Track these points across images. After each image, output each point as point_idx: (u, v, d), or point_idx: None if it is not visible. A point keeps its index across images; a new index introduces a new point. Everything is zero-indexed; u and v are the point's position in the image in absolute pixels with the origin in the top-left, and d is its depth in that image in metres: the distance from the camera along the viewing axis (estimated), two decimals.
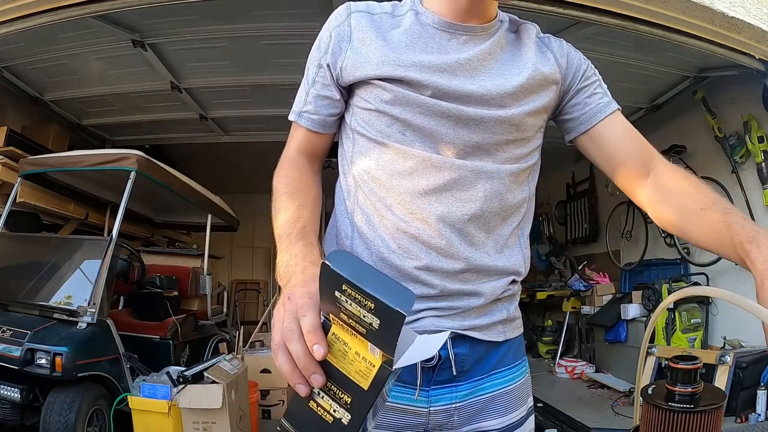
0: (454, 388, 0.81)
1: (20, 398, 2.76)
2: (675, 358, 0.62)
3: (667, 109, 4.72)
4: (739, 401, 3.29)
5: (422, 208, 0.79)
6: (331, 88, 0.86)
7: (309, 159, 0.91)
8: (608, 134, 0.86)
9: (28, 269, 3.36)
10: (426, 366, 0.79)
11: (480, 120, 0.80)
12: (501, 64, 0.84)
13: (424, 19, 0.84)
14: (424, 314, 0.79)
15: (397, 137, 0.80)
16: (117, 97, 4.66)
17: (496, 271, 0.83)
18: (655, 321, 1.03)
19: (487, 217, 0.82)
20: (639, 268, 5.25)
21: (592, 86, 0.88)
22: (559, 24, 3.38)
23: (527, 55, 0.86)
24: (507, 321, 0.86)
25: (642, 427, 0.64)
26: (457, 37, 0.83)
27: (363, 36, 0.82)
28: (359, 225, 0.83)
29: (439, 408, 0.81)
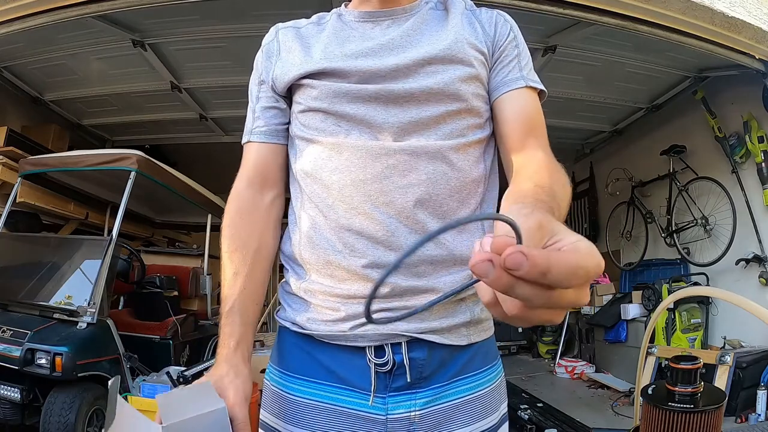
0: (413, 395, 0.75)
1: (20, 398, 2.76)
2: (675, 358, 0.62)
3: (667, 109, 4.73)
4: (739, 401, 3.29)
5: (363, 201, 0.74)
6: (276, 99, 0.88)
7: (260, 187, 0.87)
8: (502, 110, 0.82)
9: (28, 269, 3.36)
10: (380, 371, 0.74)
11: (410, 95, 0.76)
12: (428, 35, 0.82)
13: (346, 17, 0.87)
14: (376, 316, 0.68)
15: (332, 130, 0.79)
16: (117, 97, 4.66)
17: (454, 261, 0.76)
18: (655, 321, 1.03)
19: (437, 200, 0.75)
20: (639, 268, 5.25)
21: (509, 57, 0.85)
22: (559, 24, 3.39)
23: (452, 23, 0.83)
24: (471, 324, 0.79)
25: (642, 427, 0.64)
26: (379, 24, 0.84)
27: (289, 46, 0.87)
28: (305, 229, 0.81)
29: (398, 416, 0.75)
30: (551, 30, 3.52)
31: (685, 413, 0.58)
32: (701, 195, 4.42)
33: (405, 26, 0.83)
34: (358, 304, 0.74)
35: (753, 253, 3.89)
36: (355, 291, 0.75)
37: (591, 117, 5.18)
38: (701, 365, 0.62)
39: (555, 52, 3.71)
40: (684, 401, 0.59)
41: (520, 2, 2.80)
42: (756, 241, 3.90)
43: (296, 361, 0.81)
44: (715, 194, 4.26)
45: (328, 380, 0.77)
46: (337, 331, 0.76)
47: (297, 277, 0.83)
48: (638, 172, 5.21)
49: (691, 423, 0.58)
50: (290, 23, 0.91)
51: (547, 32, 3.56)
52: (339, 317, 0.76)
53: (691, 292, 2.05)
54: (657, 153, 4.76)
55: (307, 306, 0.80)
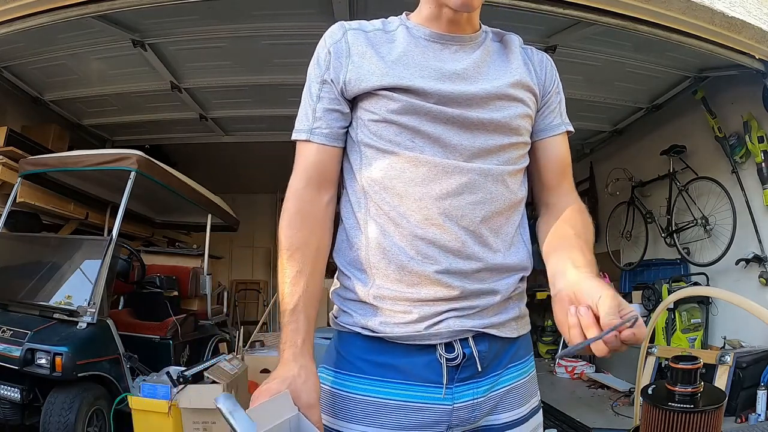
0: (476, 384, 0.85)
1: (20, 398, 2.76)
2: (675, 358, 0.62)
3: (667, 109, 4.72)
4: (739, 401, 3.29)
5: (437, 214, 0.82)
6: (339, 102, 0.87)
7: (318, 188, 0.88)
8: (545, 151, 0.95)
9: (28, 269, 3.36)
10: (450, 365, 0.82)
11: (481, 124, 0.84)
12: (494, 70, 0.89)
13: (416, 32, 0.88)
14: (446, 315, 0.82)
15: (408, 144, 0.83)
16: (117, 97, 4.66)
17: (508, 269, 0.88)
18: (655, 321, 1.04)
19: (495, 217, 0.86)
20: (639, 268, 5.25)
21: (554, 103, 0.96)
22: (559, 24, 3.39)
23: (515, 62, 0.91)
24: (519, 318, 0.92)
25: (642, 427, 0.64)
26: (449, 47, 0.88)
27: (362, 51, 0.86)
28: (374, 236, 0.85)
29: (463, 404, 0.83)
30: (551, 30, 3.52)
31: (685, 413, 0.58)
32: (701, 195, 4.42)
33: (474, 57, 0.88)
34: (429, 306, 0.82)
35: (753, 253, 3.89)
36: (425, 294, 0.82)
37: (591, 117, 5.18)
38: (701, 365, 0.62)
39: (555, 52, 3.71)
40: (684, 401, 0.59)
41: (520, 2, 2.80)
42: (756, 241, 3.90)
43: (362, 363, 0.85)
44: (715, 194, 4.26)
45: (397, 378, 0.83)
46: (412, 332, 0.82)
47: (362, 283, 0.86)
48: (638, 172, 5.21)
49: (691, 423, 0.58)
50: (355, 24, 0.90)
51: (547, 32, 3.56)
52: (412, 319, 0.82)
53: (691, 292, 2.05)
54: (657, 153, 4.76)
55: (377, 310, 0.84)
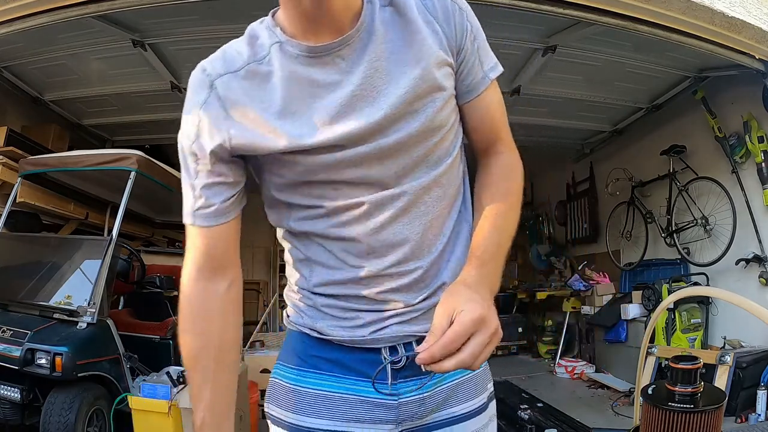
0: (421, 380, 0.84)
1: (20, 398, 2.76)
2: (675, 358, 0.62)
3: (667, 109, 4.73)
4: (739, 401, 3.29)
5: (380, 245, 0.79)
6: (217, 171, 0.76)
7: (212, 276, 0.79)
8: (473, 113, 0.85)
9: (28, 269, 3.36)
10: (394, 367, 0.83)
11: (401, 145, 0.76)
12: (394, 65, 0.75)
13: (291, 50, 0.74)
14: (390, 321, 0.81)
15: (331, 195, 0.77)
16: (117, 97, 4.66)
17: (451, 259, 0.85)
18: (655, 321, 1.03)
19: (437, 218, 0.82)
20: (639, 268, 5.25)
21: (472, 56, 0.81)
22: (559, 24, 3.39)
23: (417, 36, 0.75)
24: None
25: (642, 427, 0.64)
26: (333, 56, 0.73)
27: (240, 109, 0.74)
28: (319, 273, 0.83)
29: (409, 399, 0.84)
30: (551, 30, 3.52)
31: (685, 413, 0.58)
32: (701, 195, 4.42)
33: (366, 58, 0.73)
34: (374, 314, 0.81)
35: (753, 253, 3.89)
36: (370, 308, 0.82)
37: (591, 117, 5.18)
38: (701, 365, 0.62)
39: (555, 52, 3.71)
40: (684, 401, 0.59)
41: (520, 2, 2.80)
42: (756, 241, 3.90)
43: (313, 359, 0.85)
44: (715, 194, 4.26)
45: (345, 374, 0.84)
46: (357, 336, 0.82)
47: (310, 299, 0.85)
48: (638, 172, 5.21)
49: (691, 423, 0.58)
50: (219, 66, 0.77)
51: (547, 32, 3.56)
52: (357, 324, 0.82)
53: (691, 292, 2.05)
54: (657, 153, 4.76)
55: (324, 315, 0.84)
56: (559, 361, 5.53)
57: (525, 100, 4.54)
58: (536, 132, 5.51)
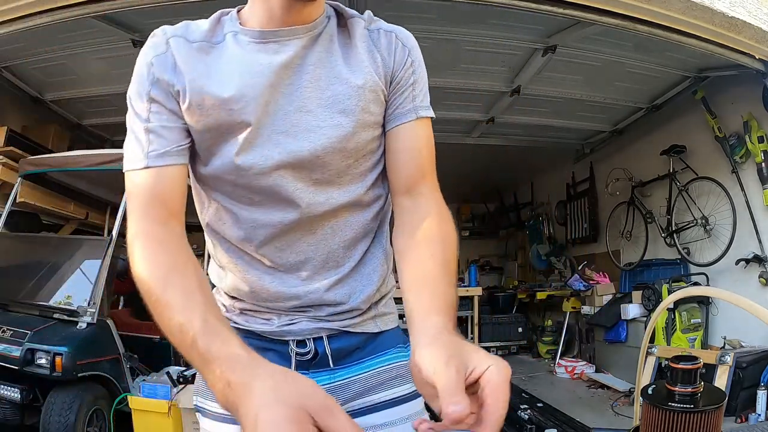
0: (333, 372, 0.85)
1: (20, 398, 2.76)
2: (675, 358, 0.62)
3: (667, 109, 4.72)
4: (739, 401, 3.29)
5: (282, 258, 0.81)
6: (174, 115, 0.75)
7: (163, 221, 0.72)
8: (394, 143, 0.83)
9: (28, 269, 3.37)
10: (302, 360, 0.84)
11: (314, 157, 0.76)
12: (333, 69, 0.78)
13: (243, 38, 0.76)
14: (299, 317, 0.83)
15: (246, 202, 0.79)
16: (117, 97, 4.65)
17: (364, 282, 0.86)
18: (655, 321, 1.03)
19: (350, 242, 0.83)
20: (639, 268, 5.25)
21: (404, 87, 0.82)
22: (559, 24, 3.39)
23: (359, 56, 0.79)
24: (378, 316, 0.89)
25: (642, 427, 0.64)
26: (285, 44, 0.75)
27: (188, 69, 0.75)
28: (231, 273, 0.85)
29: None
30: (551, 30, 3.52)
31: (685, 413, 0.58)
32: (701, 195, 4.42)
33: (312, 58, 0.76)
34: (286, 314, 0.84)
35: (753, 253, 3.89)
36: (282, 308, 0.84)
37: (591, 117, 5.18)
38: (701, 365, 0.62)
39: (555, 52, 3.71)
40: (684, 401, 0.59)
41: (520, 2, 2.80)
42: (756, 241, 3.90)
43: None
44: (715, 194, 4.26)
45: None
46: (267, 329, 0.84)
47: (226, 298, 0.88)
48: (638, 172, 5.21)
49: (691, 423, 0.58)
50: (180, 29, 0.78)
51: (547, 32, 3.56)
52: (272, 321, 0.84)
53: (691, 292, 2.05)
54: (657, 153, 4.76)
55: (240, 313, 0.87)
56: (559, 361, 5.53)
57: (525, 100, 4.55)
58: (536, 132, 5.51)
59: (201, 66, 0.75)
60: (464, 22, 3.40)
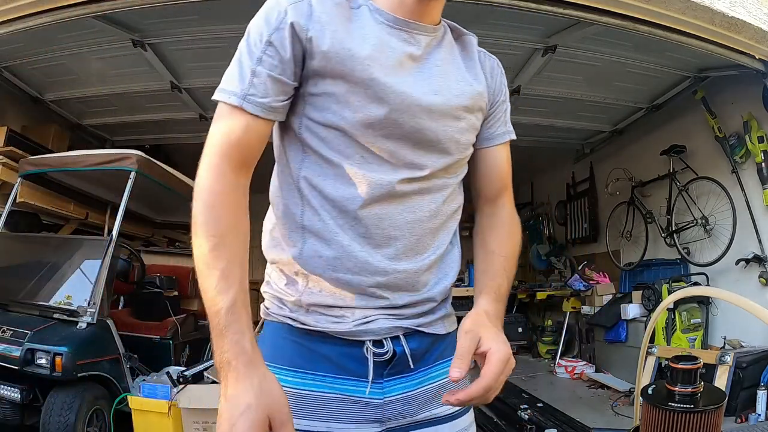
0: (406, 378, 0.84)
1: (20, 398, 2.76)
2: (675, 358, 0.62)
3: (667, 109, 4.73)
4: (739, 401, 3.29)
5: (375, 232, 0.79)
6: (285, 71, 0.73)
7: (237, 168, 0.74)
8: (485, 161, 0.93)
9: (28, 269, 3.37)
10: (379, 361, 0.81)
11: (436, 140, 0.80)
12: (454, 78, 0.83)
13: (377, 17, 0.78)
14: (377, 315, 0.81)
15: (356, 160, 0.77)
16: (117, 97, 4.66)
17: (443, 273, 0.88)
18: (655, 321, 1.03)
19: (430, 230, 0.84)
20: (639, 268, 5.25)
21: (500, 112, 0.93)
22: (559, 24, 3.39)
23: (475, 69, 0.87)
24: (446, 317, 0.91)
25: (642, 427, 0.64)
26: (414, 36, 0.79)
27: (328, 20, 0.73)
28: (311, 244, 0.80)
29: (394, 398, 0.82)
30: (551, 30, 3.52)
31: (685, 413, 0.58)
32: (701, 195, 4.42)
33: (438, 56, 0.82)
34: (361, 310, 0.81)
35: (753, 253, 3.89)
36: (358, 303, 0.80)
37: (591, 117, 5.18)
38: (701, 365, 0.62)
39: (555, 52, 3.71)
40: (684, 401, 0.59)
41: (520, 2, 2.80)
42: (756, 241, 3.90)
43: (294, 355, 0.82)
44: (715, 194, 4.26)
45: (327, 371, 0.81)
46: (343, 329, 0.80)
47: (294, 287, 0.82)
48: (638, 172, 5.21)
49: (691, 423, 0.58)
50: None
51: (547, 32, 3.56)
52: (345, 319, 0.81)
53: (691, 292, 2.05)
54: (657, 153, 4.76)
55: (308, 311, 0.82)
56: (559, 361, 5.53)
57: (525, 100, 4.54)
58: (536, 132, 5.51)
59: (340, 20, 0.75)
60: (464, 22, 3.38)
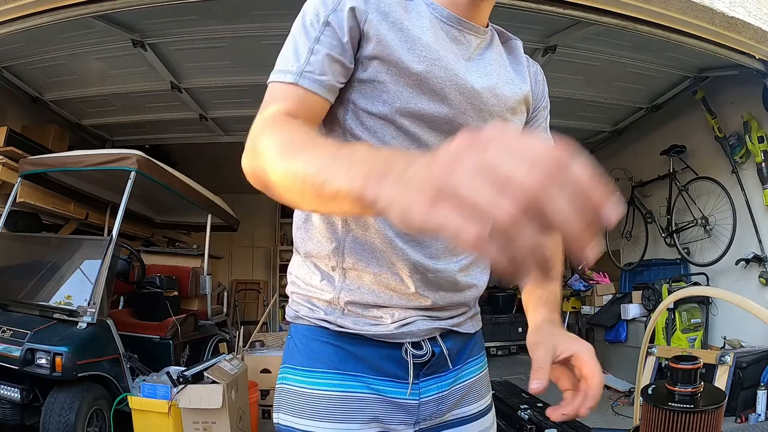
0: (440, 378, 0.84)
1: (20, 398, 2.76)
2: (675, 358, 0.62)
3: (667, 109, 4.73)
4: (739, 401, 3.29)
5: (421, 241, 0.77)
6: (344, 51, 0.71)
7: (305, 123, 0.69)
8: None
9: (28, 269, 3.36)
10: (418, 362, 0.81)
11: None
12: (505, 79, 0.83)
13: (434, 12, 0.77)
14: (415, 317, 0.80)
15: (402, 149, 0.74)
16: (117, 97, 4.66)
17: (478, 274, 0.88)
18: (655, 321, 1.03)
19: None
20: (639, 268, 5.25)
21: (541, 118, 0.92)
22: (559, 24, 3.39)
23: (523, 73, 0.87)
24: (474, 315, 0.92)
25: (642, 427, 0.64)
26: (466, 40, 0.79)
27: (386, 8, 0.72)
28: (354, 234, 0.78)
29: (429, 398, 0.83)
30: (551, 30, 3.52)
31: (685, 413, 0.58)
32: (701, 195, 4.42)
33: (488, 57, 0.81)
34: (401, 312, 0.79)
35: (753, 253, 3.89)
36: (398, 302, 0.79)
37: (591, 117, 5.18)
38: (701, 365, 0.62)
39: (555, 52, 3.71)
40: (684, 401, 0.59)
41: (520, 2, 2.80)
42: (756, 241, 3.90)
43: (331, 357, 0.80)
44: (715, 194, 4.26)
45: (365, 372, 0.80)
46: (383, 332, 0.79)
47: (332, 285, 0.79)
48: (638, 172, 5.21)
49: (691, 423, 0.58)
50: None
51: (547, 32, 3.56)
52: (382, 322, 0.79)
53: (691, 292, 2.05)
54: (657, 153, 4.76)
55: (344, 312, 0.80)
56: None
57: None
58: None
59: (398, 8, 0.74)
60: None
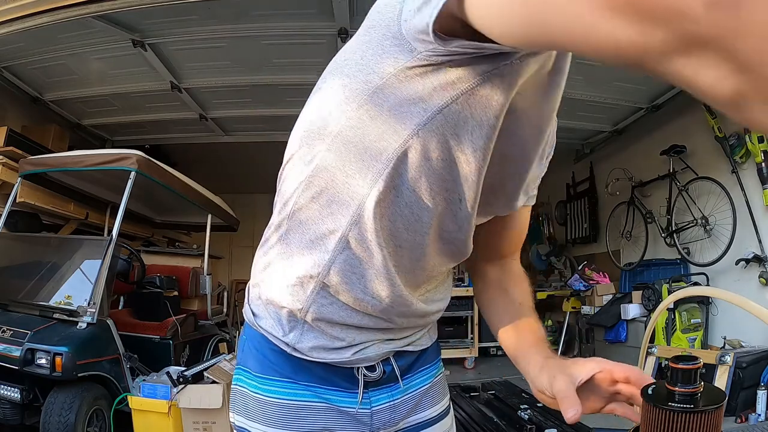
0: (392, 388, 0.85)
1: (20, 398, 2.76)
2: (675, 358, 0.62)
3: (667, 109, 4.73)
4: (739, 401, 3.29)
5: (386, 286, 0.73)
6: None
7: None
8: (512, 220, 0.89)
9: (28, 269, 3.37)
10: (369, 380, 0.81)
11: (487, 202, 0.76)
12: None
13: None
14: (374, 341, 0.78)
15: None
16: (117, 97, 4.66)
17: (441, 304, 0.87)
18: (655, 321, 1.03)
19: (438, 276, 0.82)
20: (639, 268, 5.25)
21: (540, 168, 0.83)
22: None
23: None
24: (431, 329, 0.92)
25: (642, 427, 0.64)
26: None
27: None
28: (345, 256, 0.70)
29: (381, 407, 0.83)
30: None
31: (685, 413, 0.58)
32: (701, 195, 4.42)
33: None
34: (361, 334, 0.77)
35: (753, 253, 3.90)
36: (365, 323, 0.76)
37: (591, 117, 5.18)
38: (701, 365, 0.62)
39: None
40: (684, 401, 0.59)
41: None
42: (756, 241, 3.90)
43: (281, 366, 0.79)
44: (715, 194, 4.27)
45: (315, 382, 0.79)
46: (337, 359, 0.77)
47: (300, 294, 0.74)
48: (638, 172, 5.21)
49: (691, 423, 0.58)
50: None
51: None
52: (340, 346, 0.77)
53: (691, 292, 2.05)
54: (657, 153, 4.76)
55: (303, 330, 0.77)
56: None
57: None
58: None
59: None
60: None
